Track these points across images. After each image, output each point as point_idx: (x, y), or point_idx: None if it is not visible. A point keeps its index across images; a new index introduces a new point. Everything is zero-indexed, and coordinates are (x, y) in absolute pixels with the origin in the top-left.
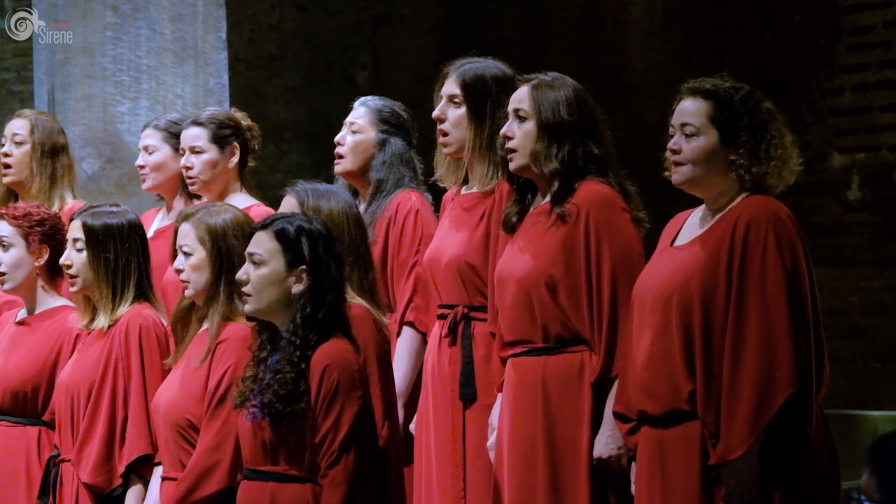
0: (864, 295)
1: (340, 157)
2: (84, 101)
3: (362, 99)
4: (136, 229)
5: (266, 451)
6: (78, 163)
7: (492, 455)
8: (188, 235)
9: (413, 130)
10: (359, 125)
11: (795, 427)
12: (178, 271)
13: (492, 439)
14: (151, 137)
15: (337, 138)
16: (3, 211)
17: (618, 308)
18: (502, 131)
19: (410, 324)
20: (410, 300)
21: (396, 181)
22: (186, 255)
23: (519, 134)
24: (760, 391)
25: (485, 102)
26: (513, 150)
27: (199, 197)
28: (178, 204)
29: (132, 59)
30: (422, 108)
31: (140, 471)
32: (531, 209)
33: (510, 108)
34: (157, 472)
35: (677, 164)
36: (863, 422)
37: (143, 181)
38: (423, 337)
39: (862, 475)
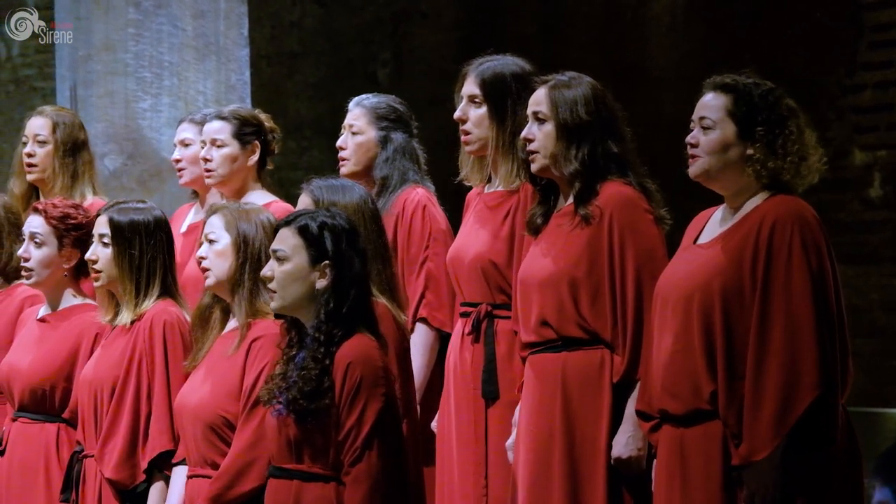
0: (886, 292)
1: (344, 160)
2: (106, 97)
3: (356, 99)
4: (161, 226)
5: (291, 449)
6: (100, 159)
7: (510, 454)
8: (215, 224)
9: (412, 120)
10: (358, 126)
11: (819, 430)
12: (201, 259)
13: (511, 438)
14: (189, 131)
15: (339, 143)
16: (41, 207)
17: (642, 309)
18: (523, 134)
19: (423, 320)
20: (423, 296)
21: (401, 176)
22: (211, 242)
23: (539, 136)
24: (785, 394)
25: (505, 100)
26: (534, 153)
27: None
28: (213, 199)
29: (154, 56)
30: (443, 105)
31: (163, 467)
32: (555, 211)
33: (529, 110)
34: (179, 471)
35: (693, 156)
36: (884, 420)
37: (180, 176)
38: (437, 333)
39: (875, 494)
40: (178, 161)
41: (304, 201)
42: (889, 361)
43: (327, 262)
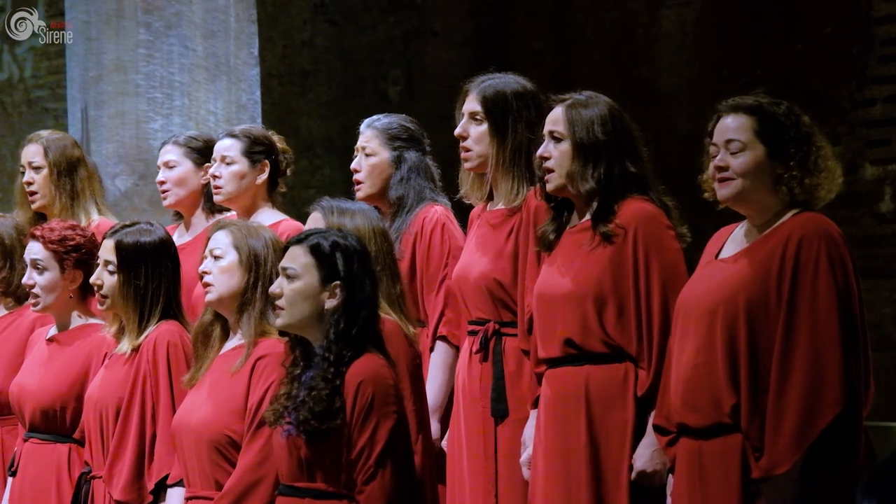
0: None
1: (359, 182)
2: (117, 118)
3: (367, 121)
4: (167, 249)
5: (302, 468)
6: (111, 179)
7: (525, 472)
8: (221, 240)
9: (424, 138)
10: (371, 148)
11: (841, 445)
12: (204, 273)
13: (525, 455)
14: (172, 153)
15: (353, 165)
16: (38, 233)
17: (668, 324)
18: (538, 152)
19: (444, 338)
20: (442, 314)
21: (417, 195)
22: (216, 258)
23: (555, 154)
24: (807, 409)
25: (506, 118)
26: (550, 171)
27: (219, 212)
28: (197, 221)
29: (165, 76)
30: (454, 122)
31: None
32: (568, 227)
33: (545, 129)
34: (175, 493)
35: (725, 179)
36: (895, 434)
37: (164, 198)
38: (457, 351)
39: None
40: (162, 183)
41: (315, 219)
42: None
43: (338, 282)
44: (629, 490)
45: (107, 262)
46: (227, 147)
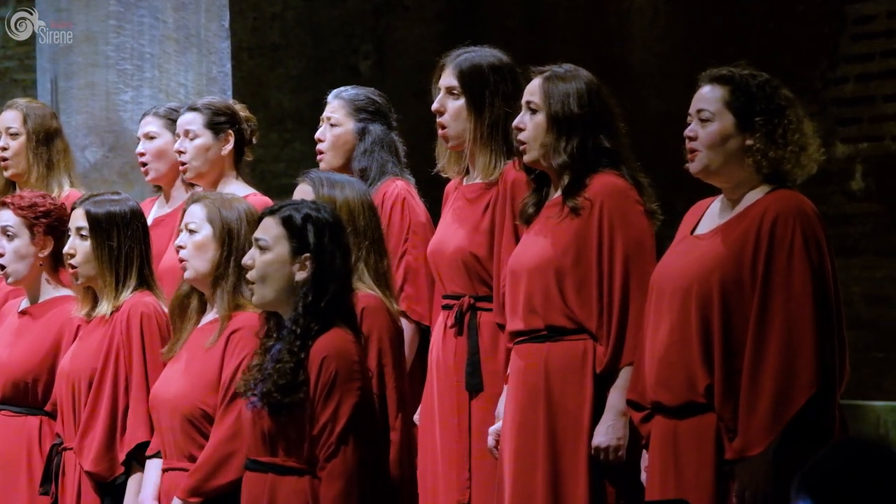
0: (867, 285)
1: (322, 153)
2: (87, 89)
3: (335, 91)
4: (137, 217)
5: (265, 442)
6: (81, 151)
7: (490, 440)
8: (196, 214)
9: (391, 112)
10: (336, 118)
11: (816, 426)
12: (180, 248)
13: (496, 425)
14: (152, 124)
15: (317, 135)
16: (9, 200)
17: (629, 299)
18: (514, 123)
19: (402, 313)
20: (401, 289)
21: (380, 168)
22: (192, 232)
23: (530, 126)
24: (781, 390)
25: (483, 92)
26: (524, 143)
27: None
28: (177, 193)
29: (135, 48)
30: (425, 97)
31: (142, 459)
32: (547, 201)
33: (523, 99)
34: (153, 464)
35: (693, 150)
36: (866, 412)
37: (146, 173)
38: (417, 326)
39: None
40: (142, 155)
41: (304, 190)
42: (870, 354)
43: (308, 254)
44: (588, 468)
45: (78, 229)
46: (189, 121)
